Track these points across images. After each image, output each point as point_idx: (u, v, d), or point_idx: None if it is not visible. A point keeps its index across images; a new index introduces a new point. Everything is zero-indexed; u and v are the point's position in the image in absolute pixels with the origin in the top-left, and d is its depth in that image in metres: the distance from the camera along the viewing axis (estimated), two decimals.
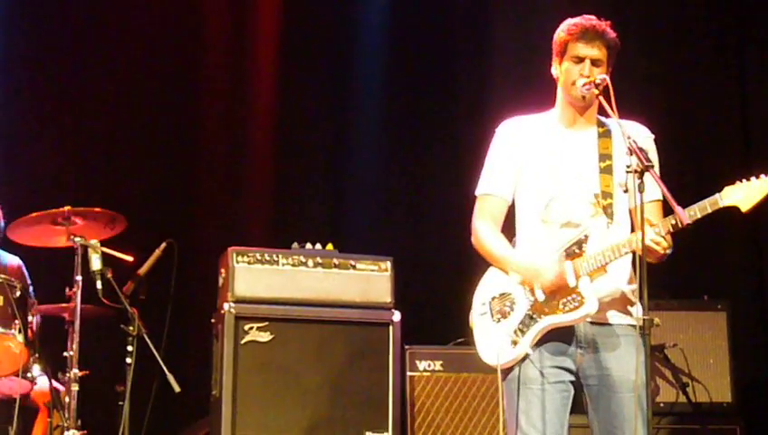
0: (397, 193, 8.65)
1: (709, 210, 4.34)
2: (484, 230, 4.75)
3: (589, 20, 4.66)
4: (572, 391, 4.60)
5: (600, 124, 4.72)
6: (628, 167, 4.25)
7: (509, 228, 4.81)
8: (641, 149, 4.26)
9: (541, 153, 4.69)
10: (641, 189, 4.19)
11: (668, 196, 4.24)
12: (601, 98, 4.51)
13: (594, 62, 4.59)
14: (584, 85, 4.57)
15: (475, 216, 4.81)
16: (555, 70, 4.73)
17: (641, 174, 4.20)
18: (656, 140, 4.71)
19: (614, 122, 4.47)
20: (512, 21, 8.53)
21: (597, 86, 4.52)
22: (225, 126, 8.56)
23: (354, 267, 6.63)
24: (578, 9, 4.82)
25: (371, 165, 8.70)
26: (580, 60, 4.59)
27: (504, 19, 8.59)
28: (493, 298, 4.69)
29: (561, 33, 4.69)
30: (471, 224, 4.82)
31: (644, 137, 4.63)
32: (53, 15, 8.32)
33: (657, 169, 4.39)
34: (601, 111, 4.68)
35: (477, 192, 4.84)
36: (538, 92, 4.97)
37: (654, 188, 4.42)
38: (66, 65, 8.30)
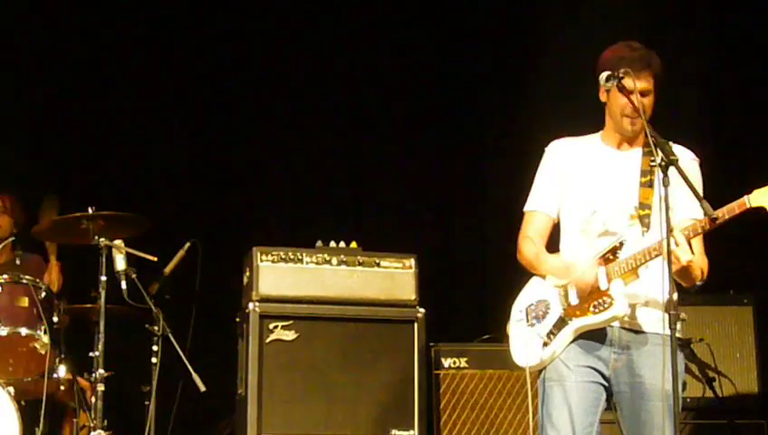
0: (420, 190, 8.63)
1: (737, 211, 4.31)
2: (526, 242, 4.81)
3: (635, 50, 4.60)
4: (604, 395, 4.58)
5: (646, 144, 4.68)
6: (652, 161, 4.23)
7: (553, 246, 4.82)
8: (666, 143, 4.24)
9: (586, 173, 4.71)
10: (666, 183, 4.17)
11: (694, 191, 4.23)
12: (647, 125, 4.45)
13: (643, 93, 4.55)
14: (630, 123, 4.57)
15: (521, 232, 4.87)
16: (602, 94, 4.69)
17: (665, 168, 4.18)
18: (701, 165, 4.69)
19: (651, 139, 4.42)
20: (548, 27, 8.48)
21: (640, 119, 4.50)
22: (247, 125, 8.55)
23: (378, 265, 6.62)
24: (621, 32, 4.78)
25: (395, 162, 8.70)
26: (630, 92, 4.54)
27: (537, 22, 8.54)
28: (530, 305, 4.74)
29: (608, 62, 4.61)
30: (517, 240, 4.86)
31: (689, 159, 4.61)
32: (71, 15, 8.35)
33: (700, 191, 4.41)
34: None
35: (525, 208, 4.90)
36: (563, 89, 4.95)
37: (690, 208, 4.40)
38: (90, 66, 8.33)
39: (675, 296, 4.15)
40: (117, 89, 8.35)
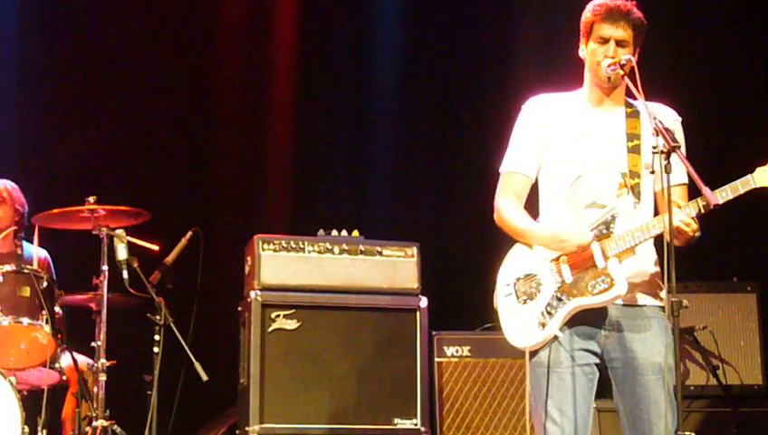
0: (422, 178, 8.63)
1: (741, 191, 4.28)
2: (507, 206, 4.71)
3: (614, 0, 4.60)
4: (597, 374, 4.56)
5: (628, 105, 4.67)
6: (654, 147, 4.20)
7: (531, 208, 4.76)
8: (668, 130, 4.22)
9: (567, 132, 4.65)
10: (668, 170, 4.14)
11: (695, 176, 4.18)
12: (627, 79, 4.46)
13: (619, 43, 4.54)
14: (609, 66, 4.53)
15: (498, 193, 4.77)
16: (582, 51, 4.69)
17: (668, 155, 4.15)
18: (683, 123, 4.65)
19: (641, 103, 4.42)
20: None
21: (622, 67, 4.48)
22: (248, 114, 8.57)
23: (380, 254, 6.60)
24: None
25: (396, 150, 8.70)
26: (606, 41, 4.55)
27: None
28: (518, 279, 4.64)
29: (586, 13, 4.65)
30: (494, 201, 4.78)
31: (671, 120, 4.57)
32: (76, 10, 8.36)
33: (683, 150, 4.35)
34: (629, 93, 4.63)
35: (501, 169, 4.81)
36: (565, 72, 4.93)
37: (680, 172, 4.39)
38: (89, 61, 8.35)
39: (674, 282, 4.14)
40: (117, 78, 8.35)
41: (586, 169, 4.58)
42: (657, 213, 4.57)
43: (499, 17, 8.68)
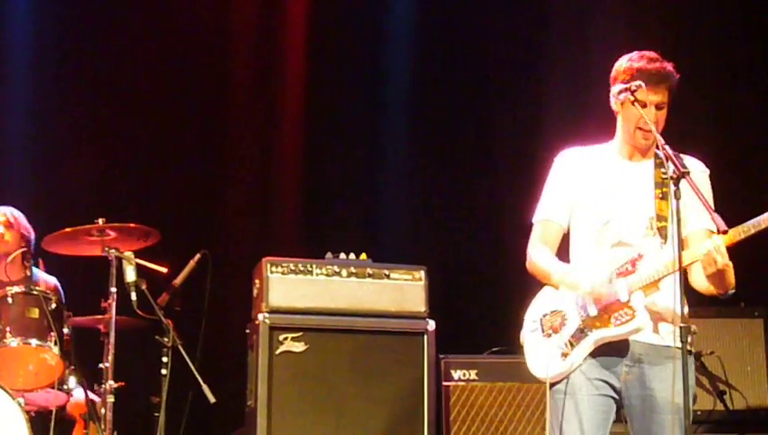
0: (430, 202, 8.64)
1: (763, 226, 4.29)
2: (536, 252, 4.77)
3: (654, 62, 4.55)
4: (614, 408, 4.57)
5: (657, 156, 4.66)
6: (664, 174, 4.22)
7: (563, 256, 4.80)
8: (677, 155, 4.24)
9: (599, 184, 4.68)
10: (677, 196, 4.16)
11: (706, 205, 4.21)
12: (660, 150, 4.43)
13: (657, 107, 4.55)
14: (644, 137, 4.55)
15: (531, 241, 4.83)
16: (615, 104, 4.66)
17: (677, 181, 4.17)
18: (711, 176, 4.67)
19: (662, 153, 4.41)
20: (557, 34, 8.49)
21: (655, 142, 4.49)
22: (257, 136, 8.60)
23: (388, 277, 6.61)
24: (633, 40, 4.75)
25: (404, 175, 8.72)
26: (644, 105, 4.52)
27: (546, 29, 8.55)
28: (544, 315, 4.69)
29: (624, 74, 4.58)
30: (527, 250, 4.83)
31: (699, 171, 4.59)
32: (87, 31, 8.40)
33: (711, 203, 4.39)
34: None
35: (534, 219, 4.85)
36: (574, 95, 4.94)
37: (707, 218, 4.36)
38: (99, 82, 8.38)
39: (686, 310, 4.15)
40: (127, 100, 8.38)
41: (614, 215, 4.62)
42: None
43: (513, 45, 8.68)
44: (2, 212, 7.04)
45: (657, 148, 4.51)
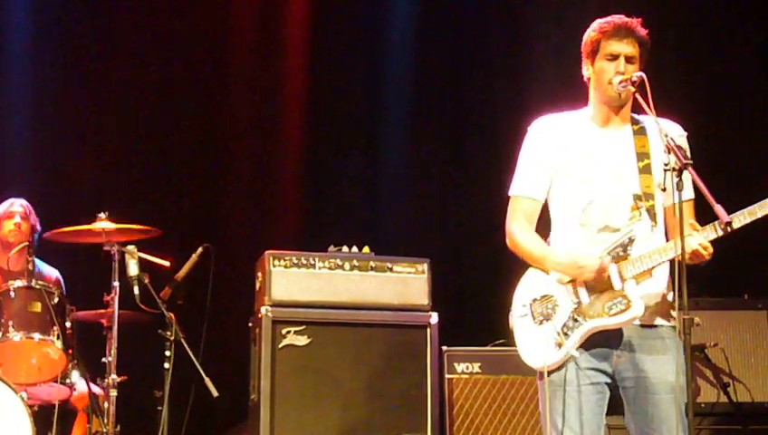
0: (432, 194, 8.64)
1: (759, 215, 4.29)
2: (519, 232, 4.69)
3: (620, 18, 4.61)
4: (608, 393, 4.56)
5: (635, 122, 4.66)
6: (665, 165, 4.20)
7: (541, 230, 4.75)
8: (679, 147, 4.22)
9: (576, 154, 4.64)
10: (680, 188, 4.14)
11: (707, 193, 4.17)
12: (638, 95, 4.45)
13: (628, 59, 4.54)
14: (620, 83, 4.52)
15: (509, 218, 4.76)
16: (586, 70, 4.68)
17: (680, 172, 4.15)
18: (689, 138, 4.65)
19: (650, 120, 4.42)
20: (547, 18, 8.49)
21: (633, 83, 4.48)
22: (260, 131, 8.60)
23: (391, 270, 6.61)
24: (612, 10, 4.77)
25: (406, 166, 8.70)
26: (615, 57, 4.55)
27: (539, 16, 8.55)
28: (534, 300, 4.63)
29: (591, 32, 4.64)
30: (505, 226, 4.77)
31: (677, 135, 4.55)
32: (89, 30, 8.40)
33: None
34: (635, 109, 4.63)
35: (511, 193, 4.79)
36: (574, 91, 4.92)
37: (687, 188, 4.37)
38: (102, 78, 8.39)
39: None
40: (129, 95, 8.39)
41: (597, 192, 4.57)
42: (667, 229, 4.57)
43: (512, 37, 8.69)
44: (19, 203, 7.10)
45: (636, 112, 4.55)
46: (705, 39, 8.36)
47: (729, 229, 4.25)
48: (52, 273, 7.12)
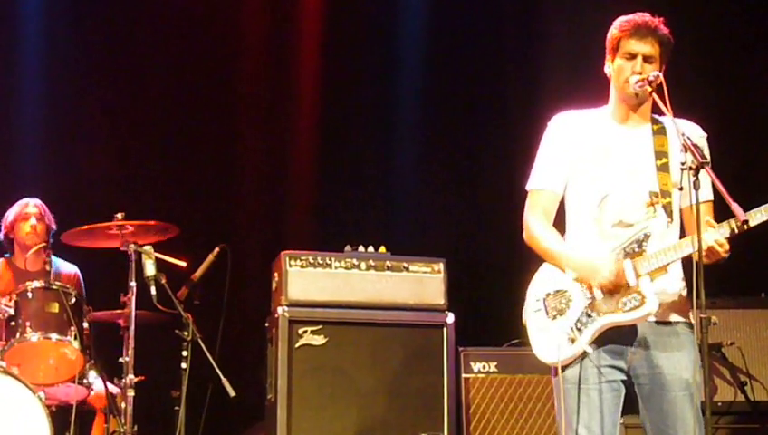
0: (448, 194, 8.63)
1: None
2: (537, 225, 4.69)
3: (642, 17, 4.60)
4: (624, 391, 4.54)
5: (655, 121, 4.66)
6: (683, 164, 4.19)
7: (557, 223, 4.75)
8: (696, 146, 4.21)
9: (594, 149, 4.64)
10: (697, 187, 4.14)
11: (725, 193, 4.17)
12: (655, 95, 4.45)
13: (647, 59, 4.54)
14: (637, 82, 4.52)
15: (527, 211, 4.75)
16: (608, 67, 4.68)
17: (696, 171, 4.15)
18: (709, 139, 4.64)
19: (668, 120, 4.42)
20: (565, 13, 8.47)
21: (650, 83, 4.47)
22: (275, 130, 8.61)
23: (407, 269, 6.61)
24: (632, 6, 4.76)
25: (422, 166, 8.70)
26: (633, 56, 4.54)
27: (557, 10, 8.54)
28: (547, 295, 4.62)
29: (613, 30, 4.64)
30: (522, 219, 4.77)
31: (697, 136, 4.55)
32: (102, 28, 8.42)
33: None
34: (655, 109, 4.62)
35: (528, 187, 4.79)
36: (592, 89, 4.92)
37: (707, 189, 4.38)
38: (116, 77, 8.41)
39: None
40: (144, 95, 8.40)
41: (613, 188, 4.57)
42: (684, 230, 4.56)
43: (526, 34, 8.69)
44: (34, 204, 7.12)
45: (656, 112, 4.54)
46: (723, 42, 8.34)
47: (746, 227, 4.24)
48: (71, 269, 7.14)
